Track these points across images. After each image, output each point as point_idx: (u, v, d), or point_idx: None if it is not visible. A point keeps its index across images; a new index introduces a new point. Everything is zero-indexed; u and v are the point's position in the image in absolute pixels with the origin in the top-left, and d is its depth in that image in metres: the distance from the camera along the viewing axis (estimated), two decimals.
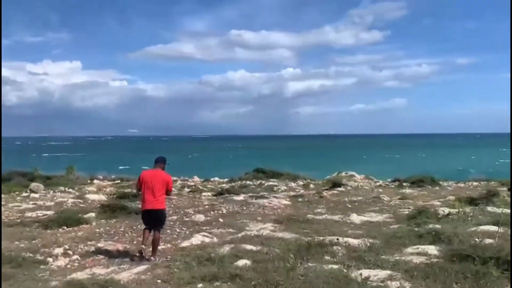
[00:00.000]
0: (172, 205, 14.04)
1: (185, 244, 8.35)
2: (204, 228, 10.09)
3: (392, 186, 22.98)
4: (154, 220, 6.93)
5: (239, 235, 8.79)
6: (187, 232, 9.57)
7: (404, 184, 22.76)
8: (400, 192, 19.11)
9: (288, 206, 13.79)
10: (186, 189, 20.24)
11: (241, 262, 6.34)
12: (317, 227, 9.89)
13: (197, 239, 8.66)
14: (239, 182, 23.72)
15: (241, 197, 15.81)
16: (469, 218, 9.95)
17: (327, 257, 6.63)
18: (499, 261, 5.53)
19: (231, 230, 9.76)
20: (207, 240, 8.58)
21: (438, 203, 14.62)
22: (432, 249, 6.86)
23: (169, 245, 8.24)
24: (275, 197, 16.37)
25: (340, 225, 10.24)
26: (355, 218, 11.13)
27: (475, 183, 24.56)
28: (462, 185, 24.80)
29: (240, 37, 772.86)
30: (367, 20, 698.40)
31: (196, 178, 28.48)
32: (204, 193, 18.07)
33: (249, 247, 7.34)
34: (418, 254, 6.73)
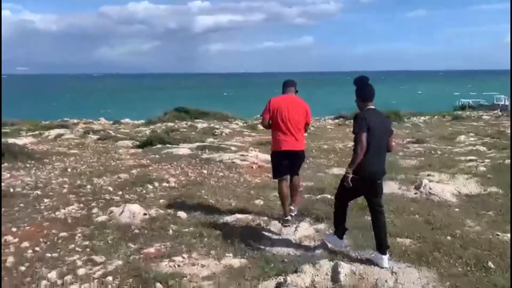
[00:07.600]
0: (70, 170, 7.79)
1: None
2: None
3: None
4: (296, 164, 4.75)
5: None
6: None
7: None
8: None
9: None
10: (92, 136, 13.71)
11: None
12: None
13: None
14: (161, 125, 17.87)
15: (185, 150, 9.92)
16: None
17: None
18: None
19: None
20: None
21: None
22: None
23: None
24: (236, 147, 10.80)
25: None
26: None
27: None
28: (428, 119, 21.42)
29: None
30: None
31: (103, 120, 21.69)
32: (120, 143, 11.82)
33: None
34: None
